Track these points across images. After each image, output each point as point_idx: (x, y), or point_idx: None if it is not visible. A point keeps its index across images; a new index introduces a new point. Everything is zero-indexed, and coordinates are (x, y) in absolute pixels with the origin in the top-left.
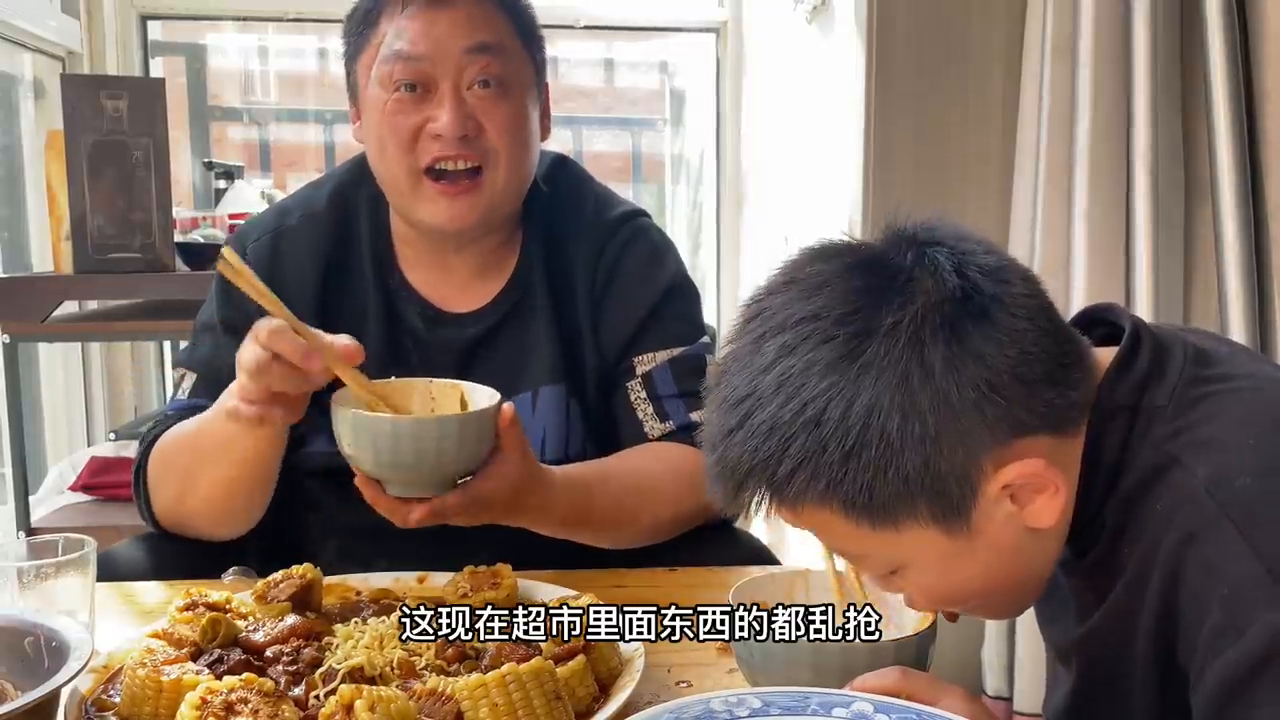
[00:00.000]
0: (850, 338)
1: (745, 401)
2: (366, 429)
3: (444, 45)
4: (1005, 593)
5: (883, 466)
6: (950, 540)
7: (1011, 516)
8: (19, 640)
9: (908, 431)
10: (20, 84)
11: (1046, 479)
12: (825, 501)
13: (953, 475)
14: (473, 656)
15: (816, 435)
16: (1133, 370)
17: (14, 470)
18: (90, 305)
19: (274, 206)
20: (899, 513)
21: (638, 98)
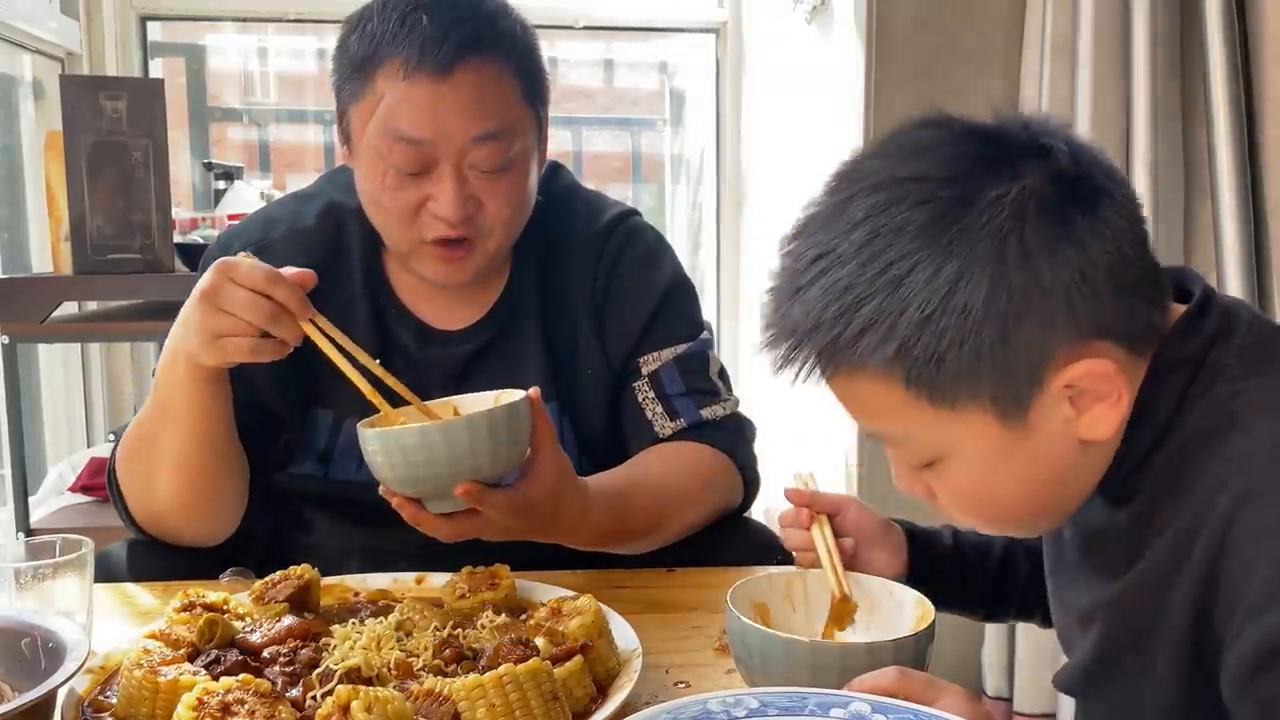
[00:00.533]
0: (951, 202)
1: (822, 259)
2: (396, 442)
3: (448, 131)
4: (1031, 509)
5: (959, 338)
6: (1003, 433)
7: (1067, 423)
8: (16, 641)
9: (993, 304)
10: (20, 85)
11: (1112, 386)
12: (889, 369)
13: (1025, 360)
14: (470, 657)
15: (896, 297)
16: (1201, 327)
17: (13, 471)
18: (90, 306)
19: (258, 215)
20: (961, 391)
21: (638, 98)
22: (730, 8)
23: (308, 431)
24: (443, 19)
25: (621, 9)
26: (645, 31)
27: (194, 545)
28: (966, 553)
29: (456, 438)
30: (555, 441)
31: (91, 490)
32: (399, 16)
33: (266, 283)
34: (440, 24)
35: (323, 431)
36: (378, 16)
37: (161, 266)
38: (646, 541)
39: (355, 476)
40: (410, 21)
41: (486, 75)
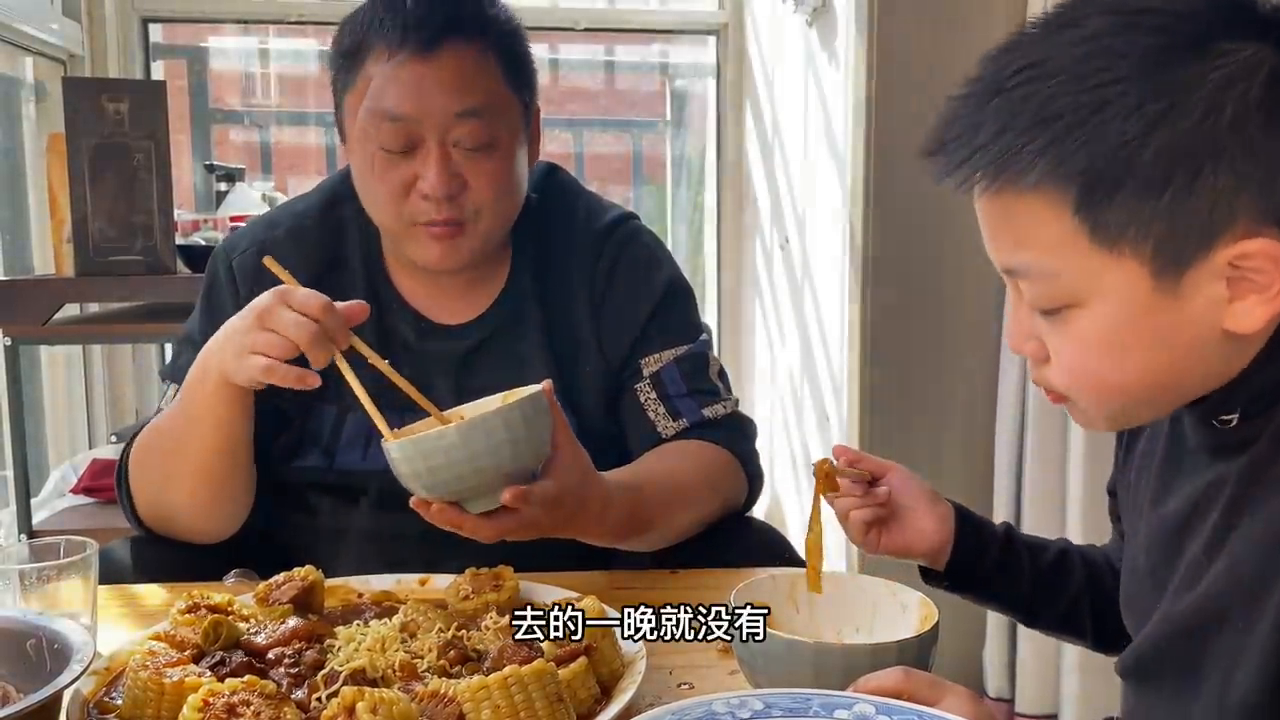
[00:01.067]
0: (1185, 38)
1: (1031, 69)
2: (417, 450)
3: (431, 107)
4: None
5: (1149, 168)
6: (1152, 291)
7: (1216, 304)
8: (21, 642)
9: (1193, 143)
10: (22, 87)
11: (1275, 275)
12: (1064, 190)
13: (1203, 216)
14: (474, 659)
15: (1099, 118)
16: None
17: (15, 473)
18: (91, 308)
19: (262, 218)
20: (1127, 231)
21: (638, 99)
22: (731, 9)
23: (312, 426)
24: (427, 2)
25: (622, 10)
26: (646, 33)
27: (197, 542)
28: (1017, 546)
29: (483, 435)
30: (571, 433)
31: (93, 492)
32: (385, 3)
33: (320, 310)
34: (423, 6)
35: (326, 425)
36: (366, 9)
37: (163, 268)
38: (657, 537)
39: (360, 465)
40: (395, 5)
41: (469, 55)
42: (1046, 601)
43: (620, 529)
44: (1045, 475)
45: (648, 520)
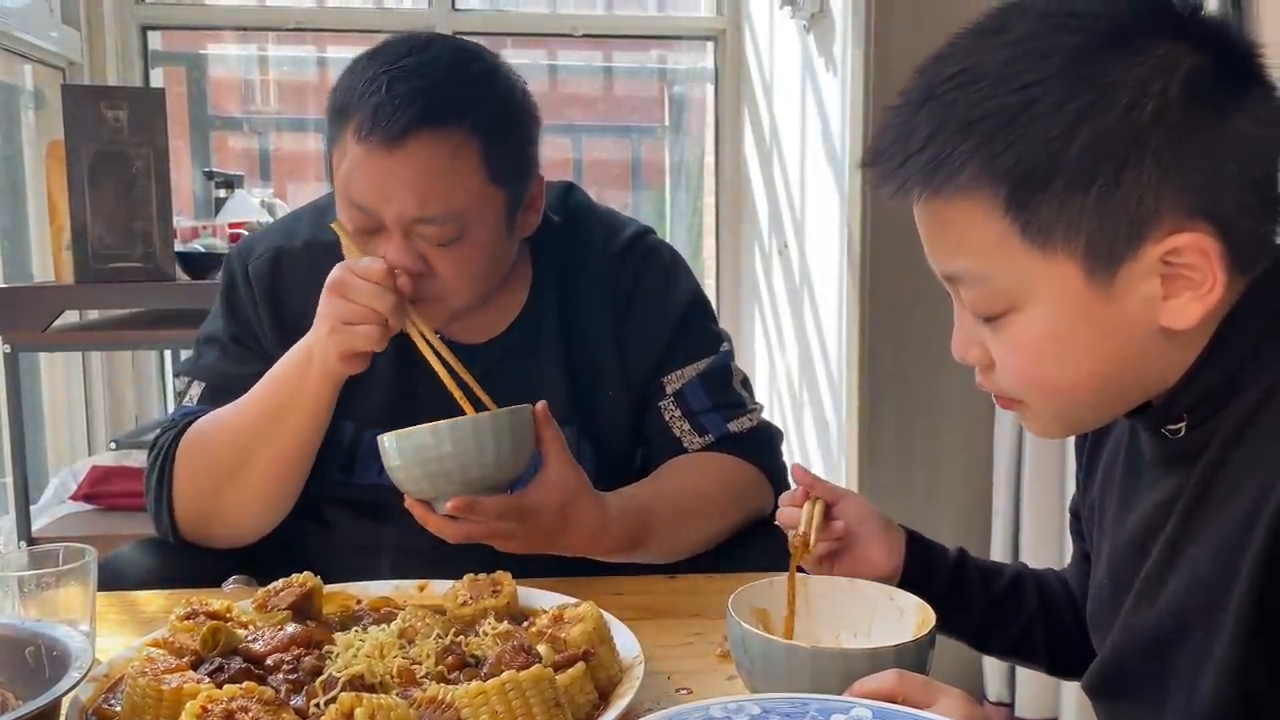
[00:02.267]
0: (1106, 36)
1: (962, 74)
2: (408, 441)
3: (391, 204)
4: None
5: (1075, 169)
6: (1086, 290)
7: (1151, 301)
8: (20, 649)
9: (1116, 139)
10: (21, 94)
11: (1207, 271)
12: (994, 191)
13: (1132, 212)
14: (472, 664)
15: (1024, 116)
16: None
17: (15, 479)
18: (91, 315)
19: (280, 222)
20: (1057, 229)
21: (637, 105)
22: (729, 15)
23: (331, 441)
24: (404, 85)
25: (621, 16)
26: (645, 39)
27: (226, 546)
28: (969, 571)
29: (463, 436)
30: (565, 452)
31: (93, 499)
32: (372, 73)
33: (385, 275)
34: (399, 91)
35: (344, 439)
36: (360, 68)
37: (163, 275)
38: (673, 551)
39: (377, 480)
40: (377, 83)
41: (439, 151)
42: (999, 627)
43: (624, 547)
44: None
45: (658, 536)
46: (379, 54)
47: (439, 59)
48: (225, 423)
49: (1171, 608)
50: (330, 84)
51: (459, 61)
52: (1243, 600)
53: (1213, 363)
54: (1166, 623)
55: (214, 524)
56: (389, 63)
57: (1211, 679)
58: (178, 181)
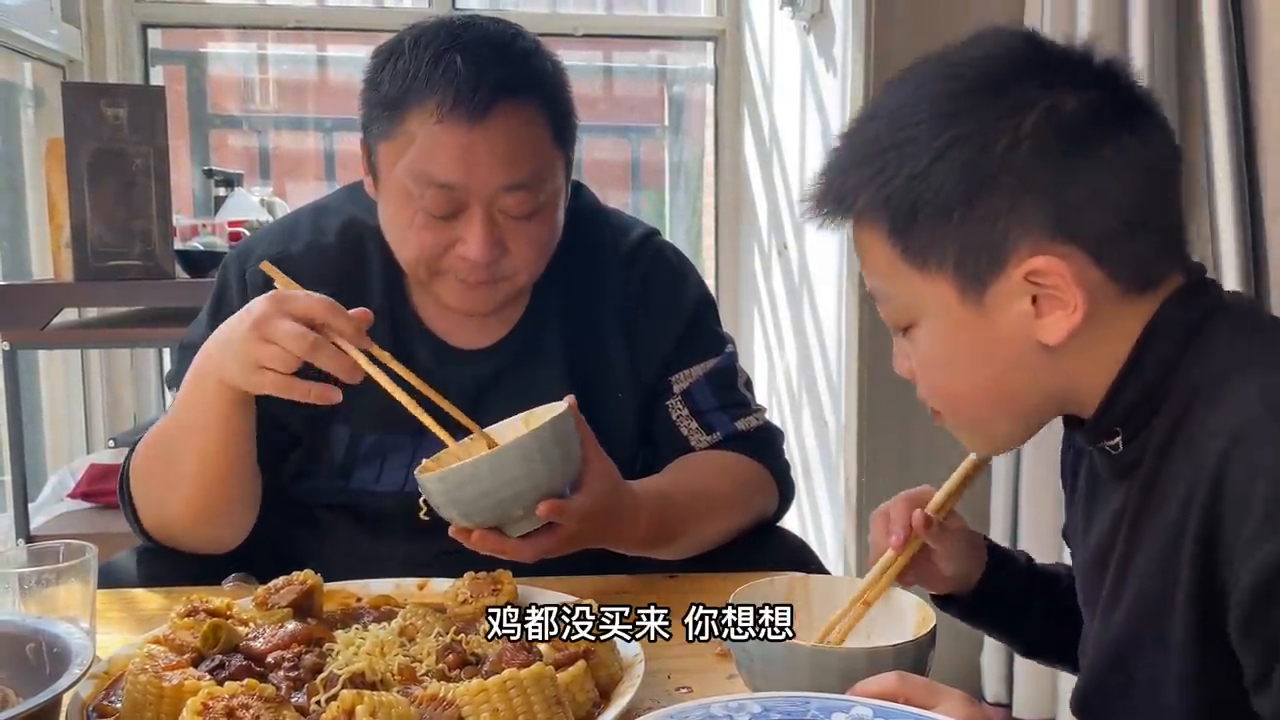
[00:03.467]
0: (977, 81)
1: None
2: (453, 481)
3: (480, 177)
4: (990, 403)
5: (934, 198)
6: (961, 308)
7: (1025, 318)
8: (20, 646)
9: (971, 170)
10: (21, 92)
11: (1067, 292)
12: (876, 216)
13: (989, 237)
14: (473, 662)
15: (900, 153)
16: (1203, 297)
17: (14, 477)
18: (90, 312)
19: (280, 225)
20: (930, 253)
21: (637, 105)
22: (729, 16)
23: (325, 447)
24: (477, 60)
25: (621, 17)
26: (644, 39)
27: (201, 553)
28: (1036, 579)
29: (518, 460)
30: (598, 445)
31: (91, 497)
32: (432, 56)
33: (324, 313)
34: (475, 66)
35: (340, 446)
36: (409, 53)
37: (162, 273)
38: (686, 545)
39: (375, 487)
40: (445, 62)
41: (519, 120)
42: (1052, 632)
43: (650, 538)
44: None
45: (677, 529)
46: (423, 39)
47: (489, 33)
48: (155, 435)
49: (1126, 623)
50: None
51: (509, 37)
52: (1185, 609)
53: (1132, 378)
54: (1123, 638)
55: (174, 531)
56: (446, 44)
57: (1174, 690)
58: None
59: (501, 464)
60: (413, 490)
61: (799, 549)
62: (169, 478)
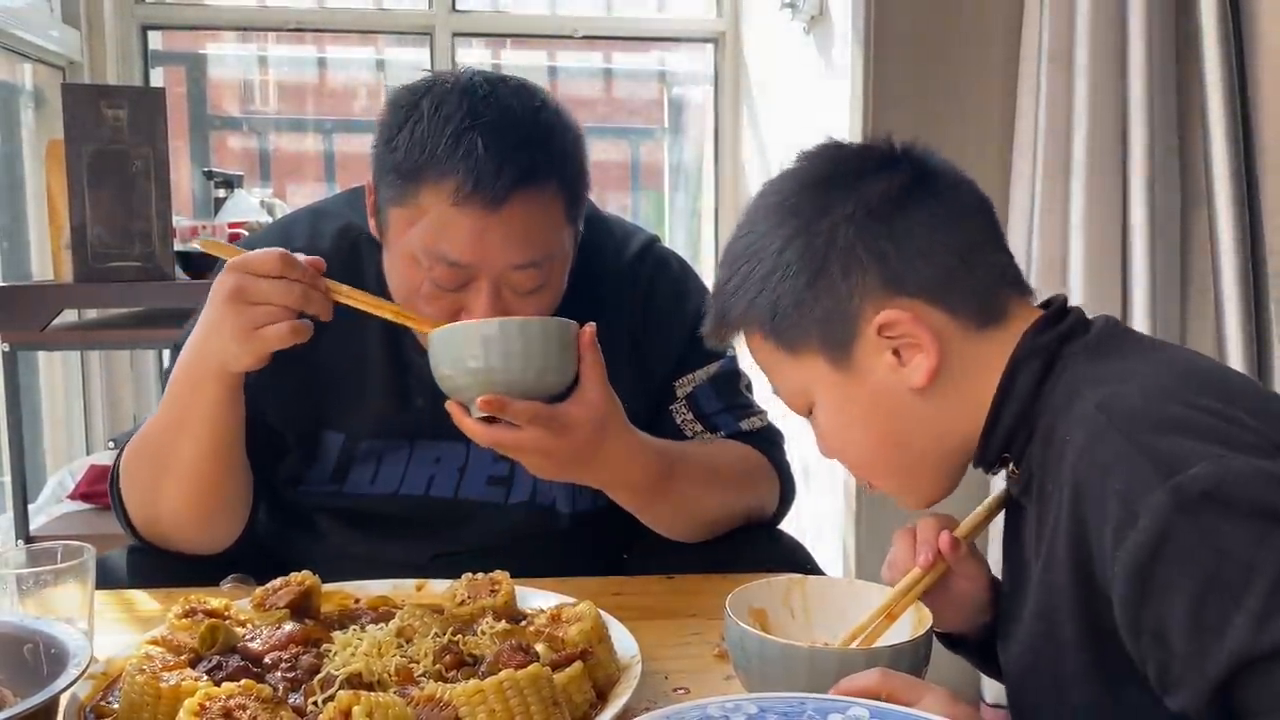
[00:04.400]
0: (803, 188)
1: (740, 228)
2: (450, 336)
3: (492, 259)
4: (894, 459)
5: (784, 288)
6: (837, 375)
7: (893, 369)
8: (18, 647)
9: (805, 258)
10: (21, 93)
11: (919, 334)
12: (750, 321)
13: (838, 306)
14: (470, 663)
15: (751, 265)
16: (1058, 325)
17: (13, 478)
18: (90, 314)
19: (277, 226)
20: (796, 337)
21: (636, 107)
22: (729, 17)
23: (319, 451)
24: (498, 145)
25: (621, 18)
26: (644, 41)
27: (192, 554)
28: None
29: (510, 336)
30: (604, 375)
31: (91, 497)
32: (452, 134)
33: (285, 265)
34: (496, 151)
35: (334, 451)
36: (428, 122)
37: (162, 274)
38: (691, 513)
39: (370, 490)
40: (465, 144)
41: (537, 205)
42: None
43: (648, 490)
44: None
45: (680, 488)
46: (444, 108)
47: (512, 110)
48: (145, 434)
49: (1027, 635)
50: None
51: (532, 110)
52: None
53: (1004, 406)
54: (1027, 650)
55: (164, 530)
56: (465, 118)
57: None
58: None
59: (479, 335)
60: (408, 492)
61: (795, 549)
62: (160, 475)
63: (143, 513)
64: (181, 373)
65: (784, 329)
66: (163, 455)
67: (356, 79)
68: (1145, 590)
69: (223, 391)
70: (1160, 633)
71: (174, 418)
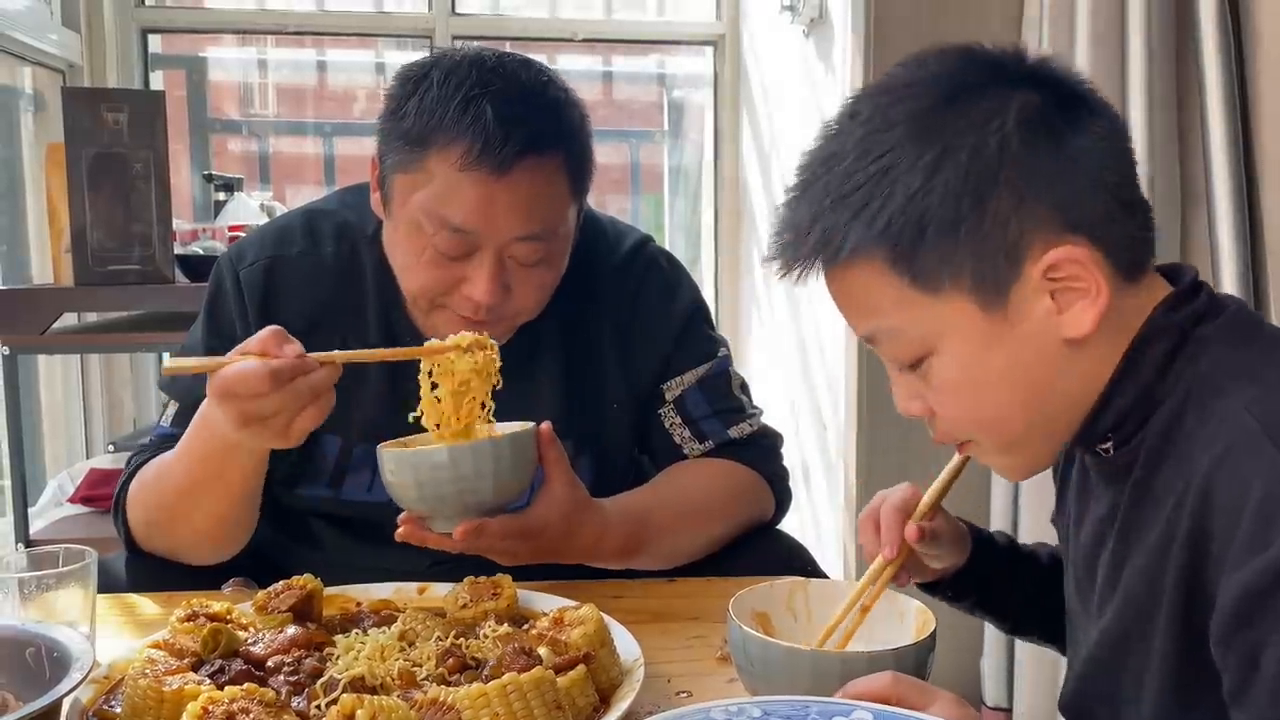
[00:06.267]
0: (940, 99)
1: (828, 160)
2: (407, 462)
3: (496, 226)
4: (1021, 417)
5: (938, 215)
6: (985, 321)
7: (1049, 315)
8: (20, 651)
9: (971, 178)
10: (21, 97)
11: (1089, 278)
12: (875, 248)
13: (1002, 240)
14: (473, 666)
15: (886, 181)
16: (1192, 303)
17: (13, 482)
18: (90, 317)
19: (271, 228)
20: (943, 273)
21: (636, 110)
22: (728, 20)
23: (316, 455)
24: (507, 111)
25: (620, 22)
26: (644, 44)
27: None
28: (1021, 556)
29: (462, 461)
30: (568, 471)
31: (91, 501)
32: (461, 101)
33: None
34: (503, 118)
35: (331, 455)
36: (437, 89)
37: (162, 278)
38: (672, 556)
39: (366, 497)
40: (473, 110)
41: (542, 175)
42: (1035, 610)
43: (622, 554)
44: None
45: (656, 543)
46: (454, 77)
47: (520, 80)
48: (161, 479)
49: (1113, 628)
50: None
51: (540, 84)
52: (1170, 617)
53: (1125, 382)
54: (1110, 642)
55: (174, 555)
56: (475, 86)
57: (1152, 698)
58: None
59: (456, 459)
60: None
61: (796, 550)
62: (183, 512)
63: (152, 538)
64: (209, 442)
65: (926, 262)
66: (188, 493)
67: (356, 82)
68: (1253, 614)
69: (255, 458)
70: (1253, 655)
71: (200, 476)
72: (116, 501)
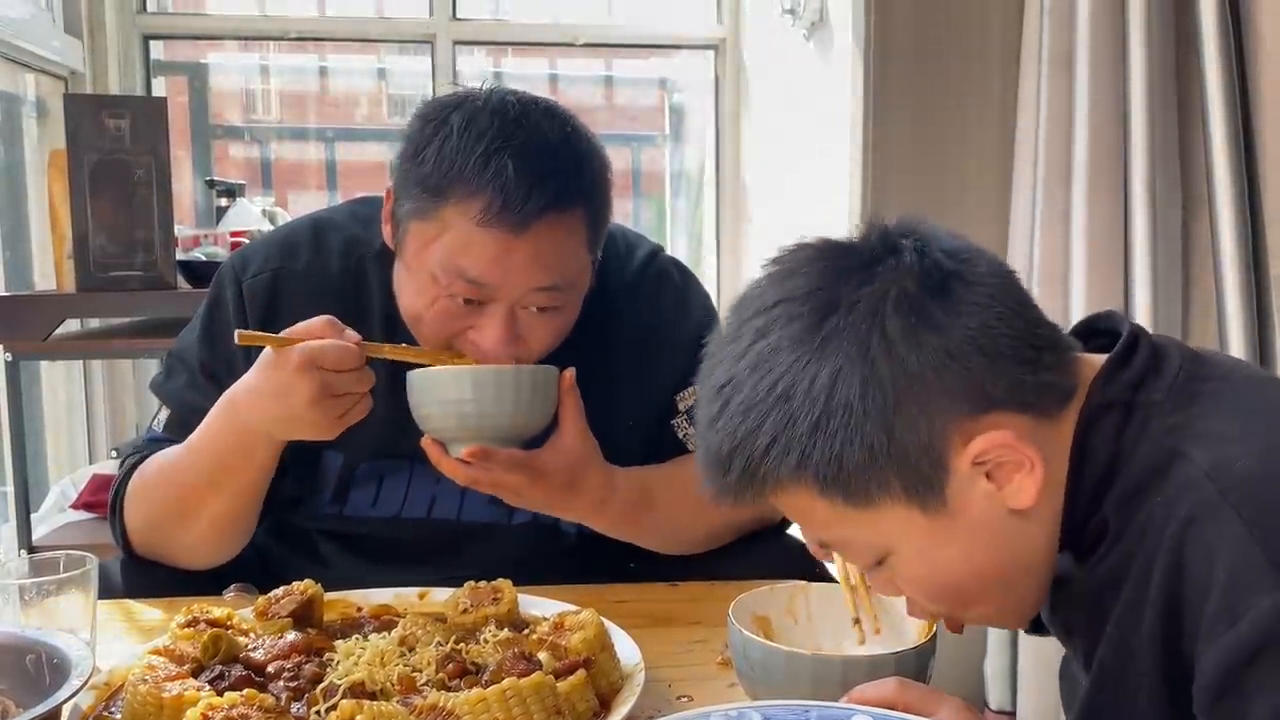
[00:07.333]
0: (814, 312)
1: (725, 388)
2: (433, 379)
3: (512, 280)
4: (998, 588)
5: (849, 436)
6: (929, 520)
7: (990, 496)
8: (20, 657)
9: (869, 399)
10: (23, 104)
11: (1019, 454)
12: (799, 478)
13: (918, 445)
14: (473, 672)
15: (786, 409)
16: (1128, 368)
17: (15, 488)
18: (92, 323)
19: (277, 236)
20: (871, 487)
21: (637, 114)
22: (729, 24)
23: (319, 472)
24: (528, 169)
25: (621, 26)
26: (645, 48)
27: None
28: None
29: (485, 382)
30: (582, 420)
31: (93, 507)
32: (482, 154)
33: (360, 356)
34: (525, 175)
35: (334, 471)
36: (457, 137)
37: (164, 283)
38: (674, 538)
39: (371, 512)
40: (495, 164)
41: (560, 230)
42: None
43: (624, 520)
44: None
45: (656, 516)
46: (474, 127)
47: (543, 132)
48: (168, 474)
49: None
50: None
51: (564, 138)
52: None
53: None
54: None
55: (171, 558)
56: (496, 138)
57: None
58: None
59: (465, 382)
60: (410, 515)
61: (798, 554)
62: (187, 512)
63: (149, 541)
64: (231, 436)
65: (851, 484)
66: (189, 504)
67: (358, 87)
68: (1230, 687)
69: (274, 453)
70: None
71: (210, 474)
72: (113, 503)
